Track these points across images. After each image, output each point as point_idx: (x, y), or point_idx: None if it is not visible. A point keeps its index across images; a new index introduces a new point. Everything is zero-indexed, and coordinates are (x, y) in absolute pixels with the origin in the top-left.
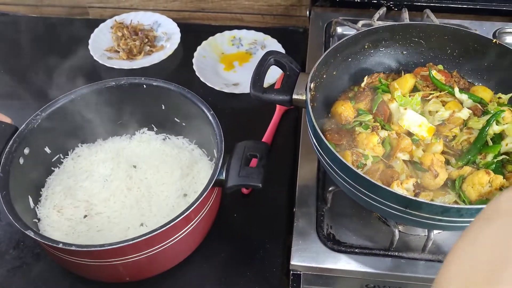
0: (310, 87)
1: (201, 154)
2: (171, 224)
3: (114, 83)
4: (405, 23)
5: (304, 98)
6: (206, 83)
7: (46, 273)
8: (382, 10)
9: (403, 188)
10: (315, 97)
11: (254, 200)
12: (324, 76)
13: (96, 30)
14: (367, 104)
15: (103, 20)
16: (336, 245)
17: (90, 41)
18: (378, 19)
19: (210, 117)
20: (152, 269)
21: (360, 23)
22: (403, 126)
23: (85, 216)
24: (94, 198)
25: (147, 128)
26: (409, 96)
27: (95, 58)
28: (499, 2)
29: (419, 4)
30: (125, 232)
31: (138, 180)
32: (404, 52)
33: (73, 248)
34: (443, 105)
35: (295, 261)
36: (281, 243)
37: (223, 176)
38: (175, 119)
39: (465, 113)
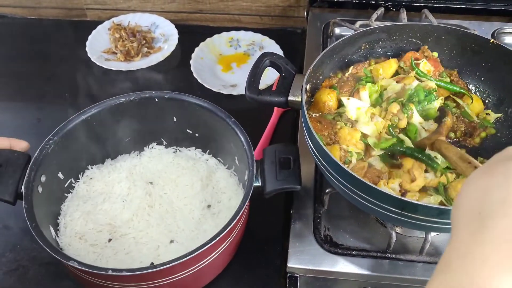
0: (305, 88)
1: (217, 163)
2: (221, 235)
3: (123, 100)
4: (401, 23)
5: (299, 99)
6: (204, 84)
7: (42, 276)
8: (380, 11)
9: (389, 188)
10: (311, 99)
11: (252, 202)
12: (320, 78)
13: (94, 31)
14: (350, 94)
15: (101, 22)
16: (333, 247)
17: (87, 43)
18: (376, 20)
19: (232, 125)
20: (193, 285)
21: (358, 23)
22: (351, 118)
23: (110, 239)
24: (117, 220)
25: (156, 143)
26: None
27: (92, 59)
28: (498, 2)
29: (417, 4)
30: (156, 251)
31: (158, 197)
32: (401, 53)
33: (124, 273)
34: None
35: (292, 264)
36: (279, 245)
37: (259, 182)
38: (187, 130)
39: (415, 84)
